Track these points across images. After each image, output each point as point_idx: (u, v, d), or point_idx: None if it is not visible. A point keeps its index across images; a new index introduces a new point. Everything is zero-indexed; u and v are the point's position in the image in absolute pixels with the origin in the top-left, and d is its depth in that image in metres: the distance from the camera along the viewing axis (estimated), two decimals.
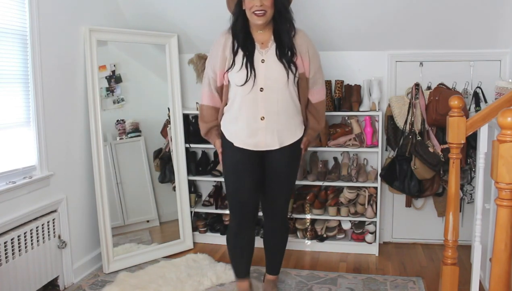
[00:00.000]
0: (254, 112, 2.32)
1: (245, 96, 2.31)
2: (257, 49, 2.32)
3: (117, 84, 3.36)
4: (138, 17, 3.39)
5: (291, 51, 2.31)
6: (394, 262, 3.24)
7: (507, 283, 1.53)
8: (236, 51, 2.32)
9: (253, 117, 2.32)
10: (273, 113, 2.32)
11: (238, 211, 2.48)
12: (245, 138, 2.36)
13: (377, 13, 3.05)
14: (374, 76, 3.38)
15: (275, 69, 2.30)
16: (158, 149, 3.55)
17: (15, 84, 2.50)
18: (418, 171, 3.06)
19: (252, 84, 2.28)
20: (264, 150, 2.37)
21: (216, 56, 2.39)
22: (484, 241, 2.44)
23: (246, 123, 2.33)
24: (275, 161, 2.42)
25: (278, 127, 2.35)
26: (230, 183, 2.45)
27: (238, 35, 2.32)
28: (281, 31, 2.31)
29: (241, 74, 2.29)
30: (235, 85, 2.33)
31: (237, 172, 2.42)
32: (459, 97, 2.17)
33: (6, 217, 2.38)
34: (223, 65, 2.36)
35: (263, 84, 2.29)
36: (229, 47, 2.34)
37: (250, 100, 2.31)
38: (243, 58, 2.29)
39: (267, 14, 2.24)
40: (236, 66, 2.31)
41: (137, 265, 3.15)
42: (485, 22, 3.03)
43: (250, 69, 2.27)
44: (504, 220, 1.48)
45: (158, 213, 3.61)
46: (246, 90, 2.30)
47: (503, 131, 1.40)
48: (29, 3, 2.52)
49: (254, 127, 2.33)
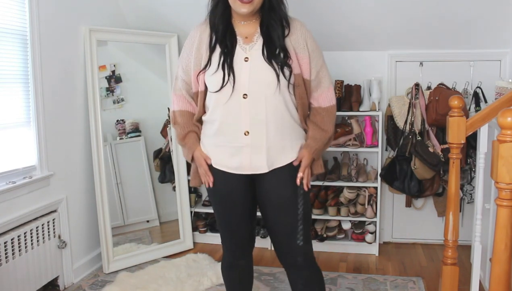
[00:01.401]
0: (236, 125, 1.79)
1: (224, 105, 1.79)
2: (239, 45, 1.80)
3: (117, 84, 3.36)
4: (138, 17, 3.39)
5: (284, 52, 1.79)
6: (394, 262, 3.24)
7: (507, 283, 1.53)
8: (213, 47, 1.81)
9: (234, 132, 1.80)
10: (260, 127, 1.78)
11: (229, 242, 2.01)
12: (226, 159, 1.83)
13: (377, 13, 3.05)
14: (374, 76, 3.38)
15: (262, 70, 1.77)
16: (158, 149, 3.55)
17: (15, 84, 2.50)
18: (418, 171, 3.06)
19: (231, 90, 1.76)
20: (249, 173, 1.83)
21: (188, 54, 1.88)
22: (484, 241, 2.44)
23: (227, 140, 1.82)
24: (268, 187, 1.85)
25: (268, 144, 1.79)
26: (217, 212, 1.98)
27: (217, 26, 1.82)
28: (269, 26, 1.80)
29: (216, 77, 1.78)
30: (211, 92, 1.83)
31: (223, 199, 1.91)
32: (459, 97, 2.17)
33: (6, 217, 2.38)
34: (197, 65, 1.85)
35: (246, 90, 1.76)
36: (206, 42, 1.84)
37: (230, 110, 1.79)
38: (220, 56, 1.78)
39: (254, 1, 1.74)
40: (212, 66, 1.80)
41: (137, 265, 3.15)
42: (485, 22, 3.03)
43: (228, 71, 1.76)
44: (504, 220, 1.48)
45: (158, 213, 3.61)
46: (224, 98, 1.78)
47: (503, 131, 1.40)
48: (29, 3, 2.52)
49: (236, 144, 1.80)
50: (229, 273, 2.09)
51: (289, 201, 1.85)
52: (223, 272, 2.12)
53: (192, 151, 1.91)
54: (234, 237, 1.98)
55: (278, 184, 1.84)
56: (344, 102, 3.33)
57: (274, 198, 1.85)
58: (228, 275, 2.09)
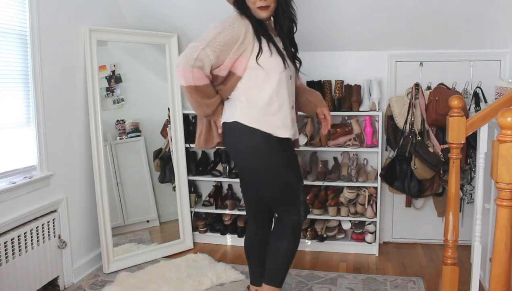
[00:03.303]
0: (289, 101, 2.20)
1: (286, 83, 2.17)
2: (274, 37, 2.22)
3: (117, 84, 3.36)
4: (138, 17, 3.39)
5: (295, 47, 2.28)
6: (394, 262, 3.24)
7: (507, 283, 1.53)
8: (260, 37, 2.13)
9: (289, 107, 2.19)
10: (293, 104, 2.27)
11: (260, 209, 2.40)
12: (290, 128, 2.19)
13: (377, 13, 3.05)
14: (374, 76, 3.39)
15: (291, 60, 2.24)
16: (158, 149, 3.55)
17: (15, 84, 2.50)
18: (418, 171, 3.06)
19: (288, 71, 2.18)
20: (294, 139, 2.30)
21: (228, 43, 2.07)
22: (484, 241, 2.45)
23: (288, 112, 2.19)
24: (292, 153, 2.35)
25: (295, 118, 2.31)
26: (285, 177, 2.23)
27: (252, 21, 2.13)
28: (284, 25, 2.23)
29: (276, 60, 2.14)
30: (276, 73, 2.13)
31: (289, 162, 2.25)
32: (459, 97, 2.17)
33: (6, 217, 2.38)
34: (238, 54, 2.10)
35: (292, 72, 2.24)
36: (251, 34, 2.11)
37: (286, 87, 2.18)
38: (269, 44, 2.14)
39: (270, 8, 2.15)
40: (265, 53, 2.12)
41: (137, 265, 3.15)
42: (485, 22, 3.03)
43: (282, 55, 2.16)
44: (504, 220, 1.48)
45: (158, 213, 3.61)
46: (287, 76, 2.18)
47: (503, 131, 1.41)
48: (29, 3, 2.52)
49: (290, 117, 2.20)
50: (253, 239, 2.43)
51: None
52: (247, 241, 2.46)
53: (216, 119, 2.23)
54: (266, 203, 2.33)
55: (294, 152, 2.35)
56: (344, 102, 3.33)
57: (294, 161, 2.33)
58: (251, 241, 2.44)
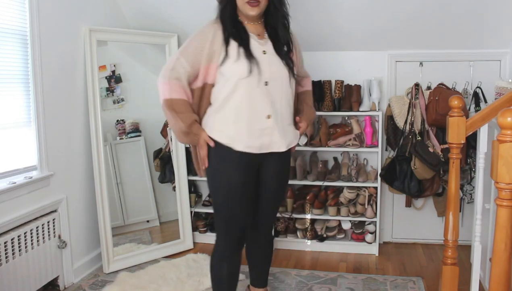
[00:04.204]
0: (259, 109, 2.01)
1: (250, 90, 1.98)
2: (254, 39, 2.04)
3: (117, 84, 3.36)
4: (138, 17, 3.39)
5: (288, 48, 2.10)
6: (394, 262, 3.24)
7: (507, 283, 1.53)
8: (227, 40, 2.00)
9: (257, 116, 2.01)
10: (278, 111, 2.05)
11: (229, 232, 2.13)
12: (247, 141, 2.01)
13: (377, 13, 3.05)
14: (374, 76, 3.38)
15: (278, 64, 2.05)
16: (158, 149, 3.55)
17: (15, 84, 2.50)
18: (418, 171, 3.06)
19: (257, 76, 1.97)
20: (268, 152, 2.06)
21: (199, 48, 2.00)
22: (484, 241, 2.45)
23: (248, 123, 2.00)
24: (272, 169, 2.14)
25: (284, 127, 2.09)
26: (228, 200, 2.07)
27: (227, 23, 2.01)
28: (276, 25, 2.07)
29: (241, 65, 1.97)
30: (236, 79, 1.98)
31: (237, 186, 2.05)
32: (459, 97, 2.17)
33: (6, 217, 2.38)
34: (208, 60, 2.00)
35: (268, 78, 2.00)
36: (220, 39, 2.00)
37: (254, 96, 1.99)
38: (238, 48, 1.98)
39: (261, 4, 1.98)
40: (230, 57, 1.98)
41: (137, 265, 3.15)
42: (485, 22, 3.03)
43: (252, 59, 1.97)
44: (504, 220, 1.48)
45: (158, 213, 3.61)
46: (252, 83, 1.98)
47: (503, 131, 1.41)
48: (29, 3, 2.52)
49: (259, 127, 2.01)
50: (222, 267, 2.16)
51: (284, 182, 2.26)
52: (214, 267, 2.18)
53: (199, 136, 2.04)
54: (239, 226, 2.13)
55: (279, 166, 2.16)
56: (344, 102, 3.33)
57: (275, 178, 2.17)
58: (221, 269, 2.16)
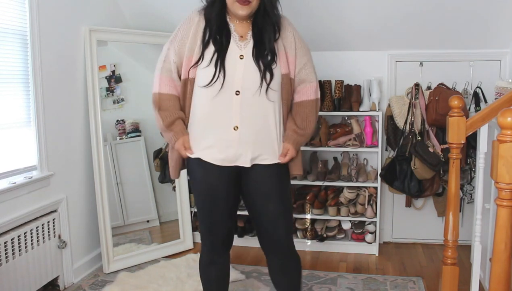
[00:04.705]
0: (226, 120, 1.84)
1: (213, 99, 1.84)
2: (235, 41, 1.86)
3: (117, 84, 3.36)
4: (138, 17, 3.39)
5: (272, 54, 1.86)
6: (394, 262, 3.23)
7: (507, 283, 1.53)
8: (207, 43, 1.86)
9: (224, 126, 1.85)
10: (248, 123, 1.85)
11: (208, 238, 2.03)
12: (213, 152, 1.88)
13: (377, 13, 3.05)
14: (374, 76, 3.38)
15: (253, 71, 1.85)
16: (158, 149, 3.55)
17: (15, 84, 2.50)
18: (418, 171, 3.06)
19: (220, 86, 1.81)
20: (234, 165, 1.88)
21: (184, 37, 1.89)
22: (484, 241, 2.44)
23: (215, 133, 1.87)
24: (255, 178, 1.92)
25: (255, 140, 1.87)
26: (200, 206, 2.00)
27: (211, 23, 1.86)
28: (262, 28, 1.87)
29: (207, 73, 1.82)
30: (199, 86, 1.86)
31: (209, 192, 1.93)
32: (459, 97, 2.17)
33: (6, 217, 2.38)
34: (191, 51, 1.88)
35: (239, 87, 1.82)
36: (200, 34, 1.87)
37: (220, 105, 1.84)
38: (214, 53, 1.83)
39: (252, 4, 1.82)
40: (204, 61, 1.84)
41: (137, 265, 3.15)
42: (485, 22, 3.03)
43: (220, 68, 1.81)
44: (504, 220, 1.48)
45: (158, 213, 3.61)
46: (213, 93, 1.83)
47: (503, 131, 1.40)
48: (29, 3, 2.52)
49: (225, 138, 1.86)
50: (208, 272, 2.09)
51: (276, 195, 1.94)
52: (201, 270, 2.11)
53: (177, 138, 1.91)
54: (214, 232, 2.00)
55: (263, 177, 1.92)
56: (344, 102, 3.33)
57: (261, 188, 1.93)
58: (208, 274, 2.10)
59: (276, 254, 2.02)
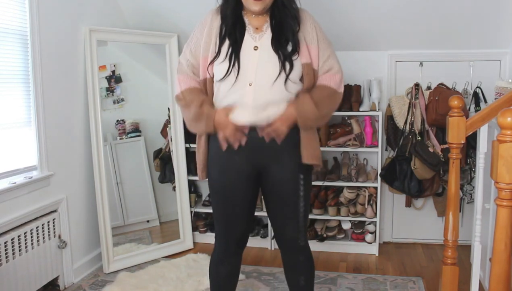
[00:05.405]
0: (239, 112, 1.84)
1: (229, 92, 1.84)
2: (249, 33, 1.86)
3: (117, 84, 3.36)
4: (138, 17, 3.39)
5: (294, 46, 1.84)
6: (394, 262, 3.23)
7: (507, 283, 1.53)
8: (223, 38, 1.86)
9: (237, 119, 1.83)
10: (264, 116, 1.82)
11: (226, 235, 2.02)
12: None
13: (377, 13, 3.05)
14: (374, 76, 3.38)
15: (270, 59, 1.83)
16: (158, 149, 3.55)
17: (15, 84, 2.50)
18: (418, 171, 3.06)
19: (234, 79, 1.82)
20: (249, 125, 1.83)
21: (199, 38, 1.92)
22: (484, 241, 2.45)
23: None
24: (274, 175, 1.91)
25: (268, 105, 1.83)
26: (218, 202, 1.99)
27: (227, 19, 1.87)
28: (282, 21, 1.86)
29: (222, 66, 1.84)
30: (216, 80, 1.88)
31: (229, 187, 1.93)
32: (459, 97, 2.17)
33: (6, 217, 2.38)
34: (206, 51, 1.89)
35: (253, 79, 1.81)
36: (216, 31, 1.89)
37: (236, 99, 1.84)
38: (229, 48, 1.84)
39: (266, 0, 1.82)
40: (220, 56, 1.85)
41: (137, 265, 3.15)
42: (485, 22, 3.03)
43: (234, 61, 1.81)
44: (504, 220, 1.48)
45: (158, 213, 3.61)
46: (227, 86, 1.84)
47: (503, 131, 1.40)
48: (29, 3, 2.52)
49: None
50: (219, 269, 2.08)
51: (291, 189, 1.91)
52: (212, 267, 2.10)
53: (212, 116, 1.84)
54: (232, 230, 2.00)
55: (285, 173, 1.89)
56: (344, 102, 3.33)
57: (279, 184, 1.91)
58: (219, 270, 2.08)
59: (286, 251, 2.05)
